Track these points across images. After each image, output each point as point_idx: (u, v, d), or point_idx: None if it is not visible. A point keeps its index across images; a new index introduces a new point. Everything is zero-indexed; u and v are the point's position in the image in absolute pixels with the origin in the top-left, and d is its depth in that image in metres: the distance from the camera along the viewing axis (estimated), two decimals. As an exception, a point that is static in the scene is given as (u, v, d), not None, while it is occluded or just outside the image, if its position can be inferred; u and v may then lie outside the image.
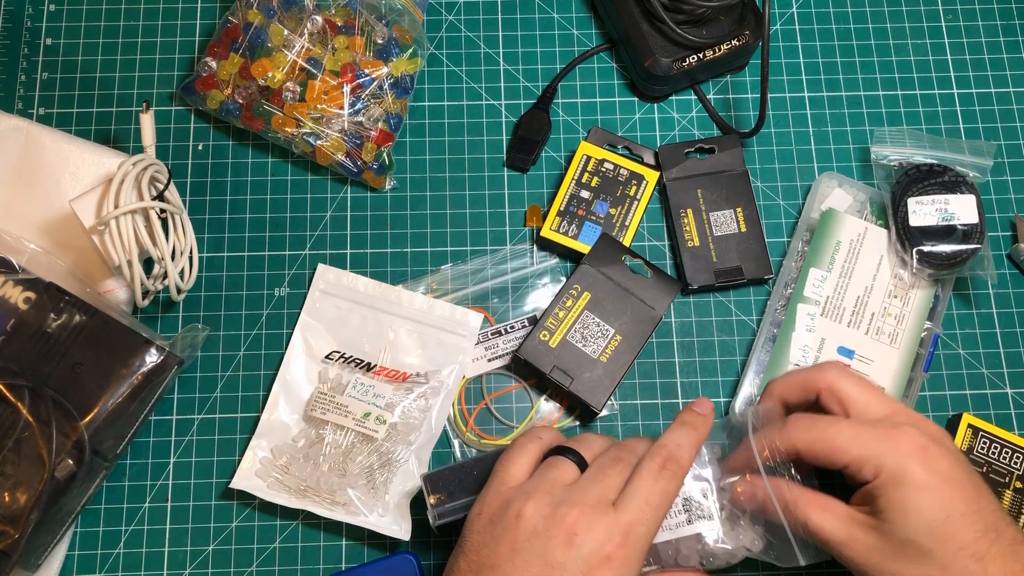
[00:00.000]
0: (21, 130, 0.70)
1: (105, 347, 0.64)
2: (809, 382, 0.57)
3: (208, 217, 0.73)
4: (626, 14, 0.74)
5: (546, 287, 0.71)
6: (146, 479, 0.67)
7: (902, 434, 0.52)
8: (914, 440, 0.52)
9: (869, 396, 0.56)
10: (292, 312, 0.71)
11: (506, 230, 0.73)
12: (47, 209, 0.69)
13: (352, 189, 0.74)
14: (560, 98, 0.77)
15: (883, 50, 0.79)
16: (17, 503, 0.60)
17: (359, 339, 0.69)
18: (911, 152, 0.72)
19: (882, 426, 0.53)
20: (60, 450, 0.61)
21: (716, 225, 0.72)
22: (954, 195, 0.70)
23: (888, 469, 0.51)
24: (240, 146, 0.75)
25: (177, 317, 0.71)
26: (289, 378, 0.68)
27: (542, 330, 0.67)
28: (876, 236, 0.71)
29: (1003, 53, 0.79)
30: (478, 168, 0.75)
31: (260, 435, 0.67)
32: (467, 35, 0.78)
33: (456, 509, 0.59)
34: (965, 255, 0.69)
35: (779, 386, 0.59)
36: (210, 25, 0.78)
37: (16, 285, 0.64)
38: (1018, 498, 0.66)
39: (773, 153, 0.76)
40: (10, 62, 0.76)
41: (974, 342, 0.71)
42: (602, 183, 0.72)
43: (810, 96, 0.77)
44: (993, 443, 0.67)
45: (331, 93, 0.71)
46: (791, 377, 0.59)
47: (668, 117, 0.76)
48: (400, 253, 0.72)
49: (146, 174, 0.66)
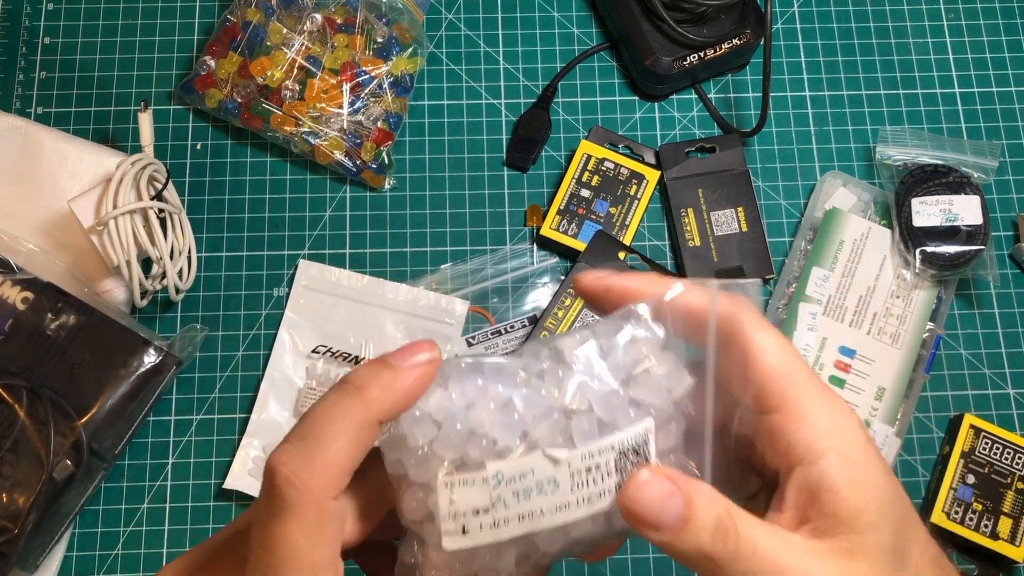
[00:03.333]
0: (19, 129, 0.70)
1: (103, 347, 0.63)
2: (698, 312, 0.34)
3: (207, 217, 0.73)
4: (627, 13, 0.74)
5: (546, 286, 0.71)
6: (144, 480, 0.67)
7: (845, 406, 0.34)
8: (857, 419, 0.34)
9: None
10: (291, 312, 0.71)
11: (506, 229, 0.73)
12: (45, 209, 0.69)
13: (351, 188, 0.74)
14: (560, 97, 0.76)
15: (885, 49, 0.78)
16: (15, 504, 0.60)
17: (345, 333, 0.69)
18: (915, 152, 0.72)
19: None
20: (58, 451, 0.61)
21: (717, 225, 0.71)
22: (958, 196, 0.69)
23: (839, 451, 0.32)
24: (239, 145, 0.75)
25: (175, 317, 0.70)
26: (277, 376, 0.68)
27: (542, 330, 0.67)
28: (879, 236, 0.71)
29: (1005, 52, 0.79)
30: (478, 167, 0.74)
31: (251, 434, 0.67)
32: (467, 34, 0.78)
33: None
34: (969, 256, 0.68)
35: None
36: (209, 24, 0.78)
37: (14, 285, 0.64)
38: (1019, 499, 0.65)
39: (774, 152, 0.75)
40: (8, 61, 0.76)
41: (976, 342, 0.71)
42: (602, 182, 0.72)
43: (811, 95, 0.77)
44: (995, 444, 0.66)
45: (330, 92, 0.71)
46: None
47: (669, 116, 0.76)
48: (400, 253, 0.72)
49: (145, 174, 0.65)
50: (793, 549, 0.31)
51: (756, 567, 0.30)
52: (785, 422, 0.32)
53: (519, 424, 0.32)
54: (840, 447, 0.32)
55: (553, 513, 0.31)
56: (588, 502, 0.32)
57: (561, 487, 0.31)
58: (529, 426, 0.32)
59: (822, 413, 0.32)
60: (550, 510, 0.31)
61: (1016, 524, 0.65)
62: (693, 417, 0.34)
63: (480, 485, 0.31)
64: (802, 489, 0.32)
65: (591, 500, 0.32)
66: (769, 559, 0.31)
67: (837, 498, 0.31)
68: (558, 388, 0.32)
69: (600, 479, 0.32)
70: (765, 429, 0.33)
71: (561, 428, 0.32)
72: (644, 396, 0.33)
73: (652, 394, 0.33)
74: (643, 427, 0.33)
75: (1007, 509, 0.65)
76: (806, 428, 0.32)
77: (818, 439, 0.32)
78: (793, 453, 0.32)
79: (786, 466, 0.32)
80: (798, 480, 0.32)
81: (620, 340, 0.34)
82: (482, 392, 0.32)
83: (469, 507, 0.31)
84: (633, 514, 0.31)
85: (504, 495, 0.31)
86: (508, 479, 0.31)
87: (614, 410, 0.32)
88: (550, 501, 0.31)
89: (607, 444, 0.32)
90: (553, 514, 0.31)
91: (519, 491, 0.31)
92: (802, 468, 0.32)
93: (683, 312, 0.34)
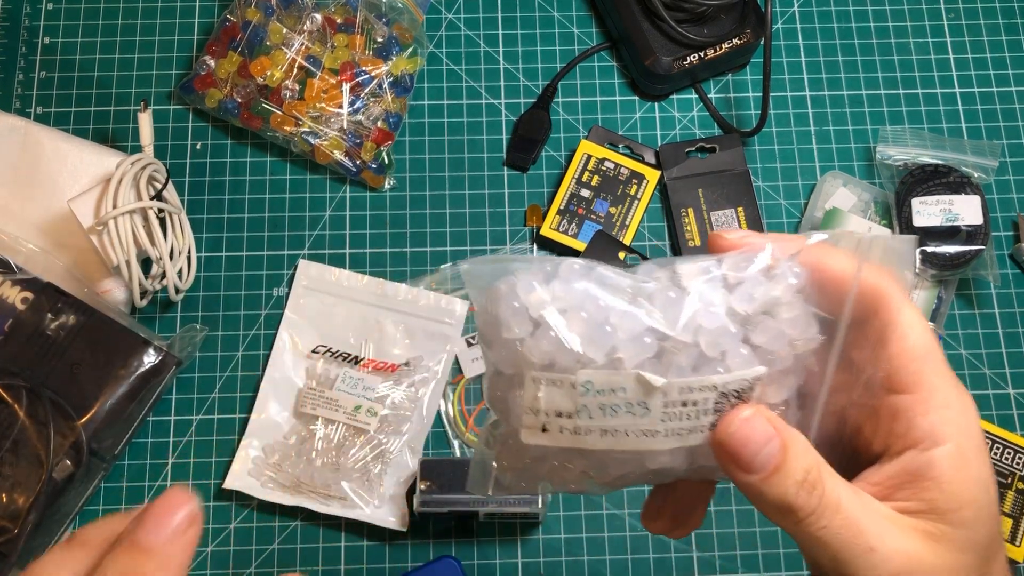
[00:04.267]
0: (19, 129, 0.70)
1: (103, 347, 0.63)
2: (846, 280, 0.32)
3: (206, 217, 0.73)
4: (627, 12, 0.74)
5: (546, 287, 0.71)
6: (144, 480, 0.67)
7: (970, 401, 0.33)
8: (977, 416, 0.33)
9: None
10: (291, 312, 0.71)
11: (506, 229, 0.73)
12: (45, 209, 0.69)
13: (351, 188, 0.74)
14: (560, 97, 0.76)
15: (885, 49, 0.78)
16: (15, 504, 0.60)
17: (345, 333, 0.69)
18: (915, 152, 0.72)
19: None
20: (58, 451, 0.61)
21: (717, 224, 0.71)
22: (959, 196, 0.69)
23: (958, 444, 0.31)
24: (239, 145, 0.74)
25: (175, 317, 0.70)
26: (277, 376, 0.68)
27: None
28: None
29: (1005, 52, 0.79)
30: (478, 167, 0.74)
31: (251, 434, 0.67)
32: (467, 34, 0.78)
33: (439, 503, 0.60)
34: (969, 256, 0.68)
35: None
36: (208, 23, 0.78)
37: (14, 285, 0.64)
38: (1020, 499, 0.65)
39: (774, 152, 0.75)
40: (8, 61, 0.76)
41: (976, 342, 0.71)
42: (602, 182, 0.72)
43: (812, 95, 0.77)
44: (995, 444, 0.66)
45: (330, 92, 0.71)
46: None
47: (669, 116, 0.76)
48: (400, 253, 0.72)
49: (144, 173, 0.65)
50: (876, 516, 0.31)
51: (836, 524, 0.30)
52: (914, 403, 0.32)
53: (609, 339, 0.30)
54: (959, 440, 0.31)
55: (637, 437, 0.30)
56: (677, 435, 0.30)
57: (652, 413, 0.30)
58: (619, 344, 0.30)
59: (952, 403, 0.32)
60: (635, 433, 0.30)
61: (1016, 524, 0.65)
62: (813, 374, 0.32)
63: (568, 389, 0.30)
64: (907, 471, 0.31)
65: (680, 434, 0.30)
66: (851, 519, 0.30)
67: (941, 487, 0.31)
68: (665, 313, 0.31)
69: (695, 415, 0.30)
70: (889, 407, 0.32)
71: (656, 354, 0.30)
72: (764, 341, 0.31)
73: (773, 340, 0.31)
74: (753, 373, 0.31)
75: (1007, 509, 0.65)
76: (933, 413, 0.31)
77: (942, 427, 0.31)
78: (911, 436, 0.31)
79: (899, 447, 0.32)
80: (906, 461, 0.31)
81: (749, 275, 0.31)
82: (583, 299, 0.30)
83: (553, 408, 0.30)
84: (728, 450, 0.30)
85: (590, 405, 0.30)
86: (597, 390, 0.30)
87: (723, 348, 0.31)
88: (636, 424, 0.30)
89: (710, 382, 0.30)
90: (637, 437, 0.30)
91: (606, 405, 0.30)
92: (915, 452, 0.31)
93: (822, 271, 0.32)
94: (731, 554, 0.66)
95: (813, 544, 0.30)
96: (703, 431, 0.31)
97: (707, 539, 0.66)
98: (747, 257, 0.32)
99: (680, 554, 0.66)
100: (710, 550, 0.66)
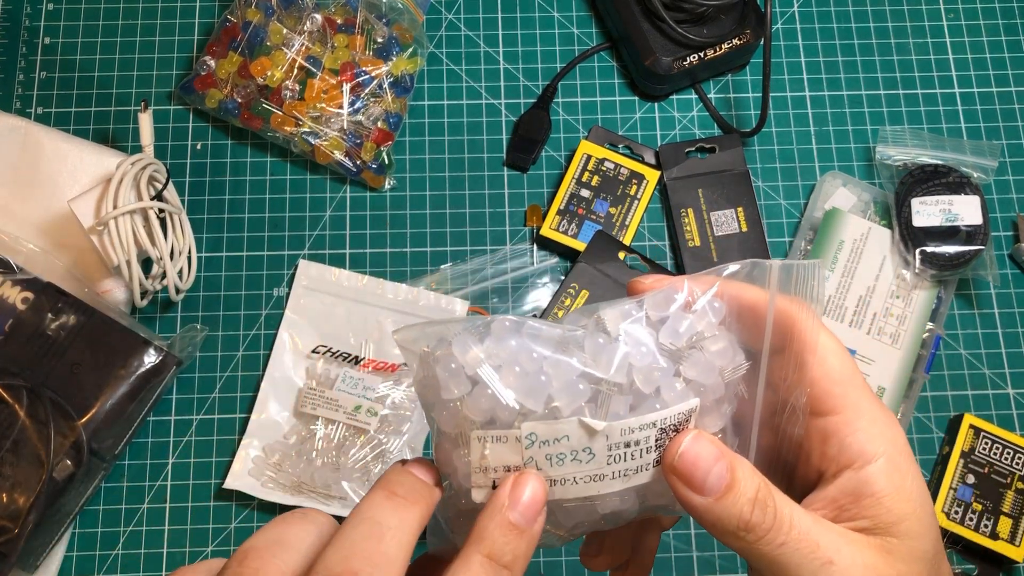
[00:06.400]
0: (19, 129, 0.70)
1: (103, 347, 0.63)
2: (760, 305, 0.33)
3: (207, 217, 0.73)
4: (627, 13, 0.74)
5: (546, 286, 0.71)
6: (144, 480, 0.67)
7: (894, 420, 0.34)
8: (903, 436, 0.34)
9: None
10: (291, 312, 0.71)
11: (506, 229, 0.73)
12: (45, 209, 0.69)
13: (351, 188, 0.74)
14: (560, 97, 0.76)
15: (885, 49, 0.78)
16: (15, 504, 0.60)
17: (345, 333, 0.69)
18: (915, 152, 0.72)
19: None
20: (58, 451, 0.61)
21: (717, 225, 0.71)
22: (958, 196, 0.69)
23: (890, 457, 0.32)
24: (239, 145, 0.75)
25: (175, 317, 0.70)
26: (277, 376, 0.68)
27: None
28: (879, 236, 0.71)
29: (1005, 52, 0.79)
30: (478, 168, 0.74)
31: (251, 434, 0.67)
32: (467, 34, 0.78)
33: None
34: (969, 256, 0.68)
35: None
36: (209, 24, 0.78)
37: (14, 285, 0.64)
38: (1019, 499, 0.65)
39: (774, 152, 0.75)
40: (8, 61, 0.76)
41: (976, 342, 0.71)
42: (602, 182, 0.72)
43: (811, 95, 0.77)
44: (995, 444, 0.66)
45: (330, 92, 0.71)
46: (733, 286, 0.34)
47: (669, 116, 0.76)
48: (400, 253, 0.72)
49: (145, 174, 0.65)
50: (829, 530, 0.31)
51: (793, 539, 0.30)
52: (841, 424, 0.32)
53: (545, 388, 0.31)
54: (890, 452, 0.32)
55: (586, 483, 0.31)
56: (624, 476, 0.31)
57: (597, 457, 0.31)
58: (554, 392, 0.31)
59: (877, 419, 0.33)
60: (583, 479, 0.31)
61: (1016, 524, 0.65)
62: (744, 402, 0.33)
63: (513, 443, 0.30)
64: (847, 491, 0.32)
65: (628, 475, 0.31)
66: (806, 533, 0.31)
67: (882, 502, 0.31)
68: (595, 358, 0.31)
69: (639, 454, 0.31)
70: (818, 430, 0.33)
71: (591, 398, 0.31)
72: (695, 374, 0.32)
73: (703, 372, 0.32)
74: (688, 406, 0.32)
75: (1007, 509, 0.65)
76: (861, 432, 0.32)
77: (871, 443, 0.32)
78: (844, 456, 0.32)
79: (834, 468, 0.32)
80: (843, 483, 0.32)
81: (672, 312, 0.32)
82: (516, 353, 0.31)
83: (501, 463, 0.31)
84: (680, 473, 0.31)
85: (536, 456, 0.30)
86: (542, 440, 0.30)
87: (657, 384, 0.31)
88: (584, 470, 0.31)
89: (649, 420, 0.31)
90: (586, 483, 0.31)
91: (551, 455, 0.30)
92: (851, 472, 0.32)
93: (740, 303, 0.33)
94: (731, 554, 0.66)
95: (770, 563, 0.31)
96: (648, 468, 0.31)
97: (707, 539, 0.66)
98: (667, 296, 0.33)
99: (680, 554, 0.66)
100: (710, 550, 0.66)
